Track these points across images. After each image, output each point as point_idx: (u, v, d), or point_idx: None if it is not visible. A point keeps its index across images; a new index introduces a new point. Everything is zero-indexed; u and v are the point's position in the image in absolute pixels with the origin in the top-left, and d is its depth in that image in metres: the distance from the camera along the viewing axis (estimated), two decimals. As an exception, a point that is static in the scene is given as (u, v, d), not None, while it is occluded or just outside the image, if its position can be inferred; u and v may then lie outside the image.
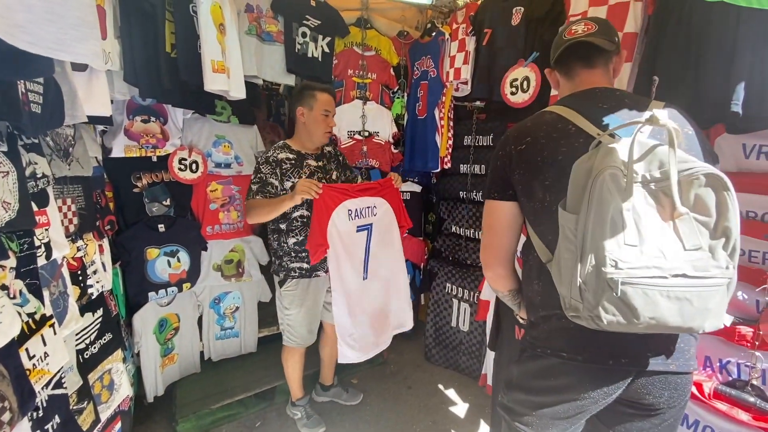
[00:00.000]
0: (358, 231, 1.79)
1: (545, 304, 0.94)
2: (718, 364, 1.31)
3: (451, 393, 2.31)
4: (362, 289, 1.83)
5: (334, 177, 1.91)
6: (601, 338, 0.84)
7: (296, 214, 1.76)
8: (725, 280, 0.71)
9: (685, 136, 0.86)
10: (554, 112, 0.95)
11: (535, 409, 0.97)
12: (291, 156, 1.79)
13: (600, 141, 0.81)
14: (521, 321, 1.13)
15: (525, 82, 1.86)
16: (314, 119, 1.78)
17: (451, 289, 2.49)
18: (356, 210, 1.77)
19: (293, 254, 1.80)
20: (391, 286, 1.95)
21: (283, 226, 1.78)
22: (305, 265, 1.80)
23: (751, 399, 1.21)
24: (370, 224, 1.83)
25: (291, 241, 1.78)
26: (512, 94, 1.92)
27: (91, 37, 0.54)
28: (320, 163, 1.87)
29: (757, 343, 1.21)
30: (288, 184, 1.75)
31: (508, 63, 1.95)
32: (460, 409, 2.18)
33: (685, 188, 0.73)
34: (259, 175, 1.73)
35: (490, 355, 2.20)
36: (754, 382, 1.23)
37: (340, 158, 2.02)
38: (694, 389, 1.33)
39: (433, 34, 2.51)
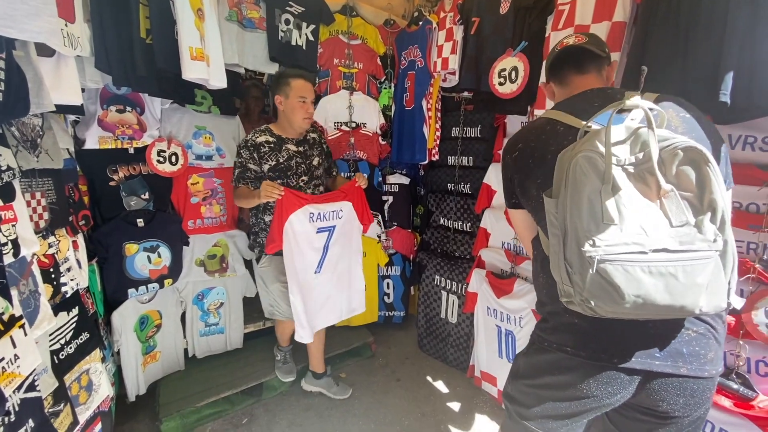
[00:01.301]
0: (318, 232, 1.90)
1: (550, 298, 0.94)
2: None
3: (439, 384, 2.32)
4: (313, 281, 1.93)
5: (315, 163, 1.98)
6: (606, 335, 0.84)
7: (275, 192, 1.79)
8: (713, 253, 0.70)
9: (681, 119, 0.85)
10: (544, 117, 0.98)
11: (538, 402, 0.97)
12: (271, 139, 1.86)
13: (586, 131, 0.81)
14: None
15: (513, 72, 1.83)
16: (291, 107, 1.83)
17: (440, 281, 2.48)
18: (319, 214, 1.87)
19: (267, 231, 1.87)
20: (343, 277, 2.07)
21: (261, 204, 1.88)
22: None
23: (735, 386, 1.23)
24: (333, 226, 1.95)
25: (267, 218, 1.88)
26: (500, 84, 1.90)
27: (44, 13, 0.48)
28: (300, 149, 1.93)
29: (741, 332, 1.22)
30: (266, 167, 1.84)
31: (496, 53, 1.92)
32: (449, 400, 2.19)
33: (668, 164, 0.73)
34: (240, 160, 1.83)
35: (477, 346, 2.20)
36: (739, 370, 1.25)
37: (324, 146, 2.09)
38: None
39: (420, 22, 2.47)
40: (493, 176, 2.19)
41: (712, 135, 0.86)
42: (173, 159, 2.02)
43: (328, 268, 1.97)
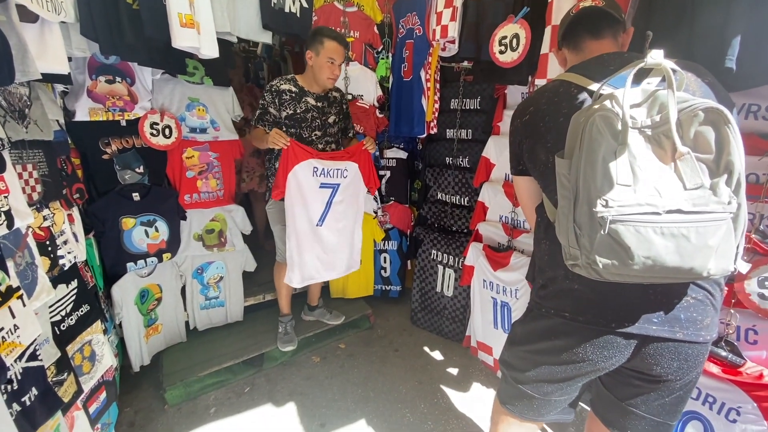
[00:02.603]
0: (321, 187, 1.97)
1: (552, 264, 0.95)
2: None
3: (436, 354, 2.37)
4: (313, 233, 2.03)
5: (330, 121, 2.06)
6: (606, 301, 0.85)
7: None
8: (727, 215, 0.69)
9: (698, 84, 0.84)
10: (558, 79, 0.94)
11: (534, 367, 0.99)
12: (294, 89, 1.94)
13: (601, 94, 0.78)
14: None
15: (514, 40, 1.77)
16: (319, 65, 1.90)
17: (437, 256, 2.50)
18: (323, 169, 1.95)
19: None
20: (344, 236, 2.15)
21: (275, 150, 1.97)
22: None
23: (723, 353, 1.26)
24: (337, 184, 2.02)
25: (277, 164, 1.94)
26: (501, 53, 1.84)
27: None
28: (319, 104, 2.00)
29: (733, 300, 1.24)
30: (284, 114, 1.93)
31: (497, 19, 1.86)
32: (446, 369, 2.24)
33: (686, 126, 0.71)
34: (261, 102, 1.94)
35: (473, 318, 2.24)
36: (729, 338, 1.28)
37: (344, 107, 2.16)
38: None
39: (419, -12, 2.37)
40: (492, 149, 2.17)
41: (725, 102, 0.84)
42: (167, 132, 1.98)
43: (330, 224, 2.06)
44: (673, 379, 0.89)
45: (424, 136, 2.56)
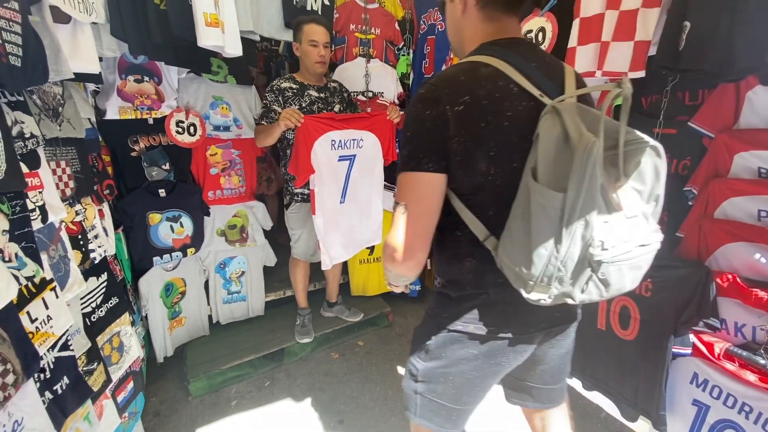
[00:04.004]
0: (339, 160, 1.96)
1: (478, 283, 0.87)
2: (733, 328, 1.29)
3: (455, 355, 2.34)
4: (338, 210, 2.03)
5: (336, 110, 2.07)
6: (530, 313, 0.86)
7: None
8: (659, 243, 0.74)
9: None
10: (490, 65, 0.78)
11: (454, 380, 0.94)
12: (294, 86, 1.96)
13: (554, 106, 0.71)
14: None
15: (540, 34, 1.72)
16: (304, 51, 1.92)
17: (457, 254, 2.46)
18: (340, 141, 1.93)
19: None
20: (363, 209, 2.14)
21: (285, 140, 1.98)
22: (307, 191, 1.99)
23: (762, 361, 1.19)
24: (354, 155, 2.00)
25: (289, 152, 1.93)
26: (526, 47, 1.79)
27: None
28: (322, 95, 2.02)
29: (774, 306, 1.17)
30: None
31: (522, 13, 1.80)
32: (465, 370, 2.21)
33: (629, 157, 0.71)
34: (264, 102, 1.94)
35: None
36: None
37: (345, 94, 2.15)
38: (704, 349, 1.32)
39: (441, -17, 2.33)
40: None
41: None
42: (191, 130, 2.03)
43: (351, 198, 2.05)
44: (552, 353, 0.99)
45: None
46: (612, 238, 0.67)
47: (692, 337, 1.37)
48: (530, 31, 1.76)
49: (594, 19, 1.50)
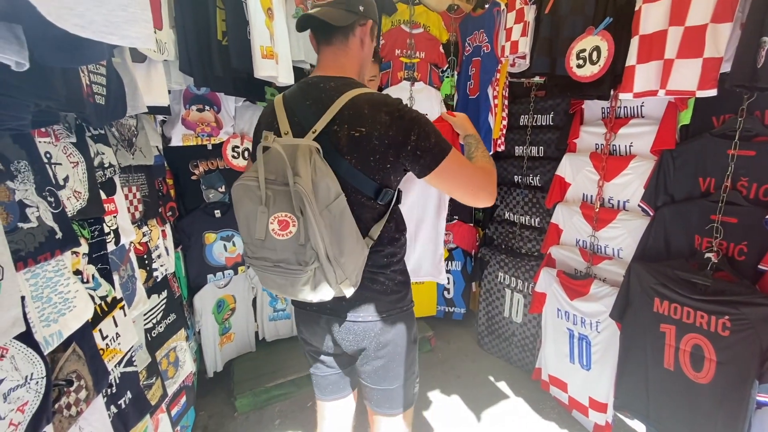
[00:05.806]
0: None
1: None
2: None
3: (502, 385, 2.23)
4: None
5: None
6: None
7: None
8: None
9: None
10: (277, 102, 0.98)
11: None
12: None
13: (265, 146, 0.81)
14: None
15: (594, 53, 1.66)
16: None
17: (504, 279, 2.37)
18: None
19: None
20: (428, 233, 1.83)
21: None
22: None
23: None
24: None
25: None
26: (579, 66, 1.73)
27: (141, 19, 0.52)
28: None
29: None
30: None
31: (575, 32, 1.75)
32: (513, 403, 2.10)
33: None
34: None
35: (545, 349, 2.08)
36: None
37: None
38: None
39: (487, 5, 2.33)
40: (568, 168, 2.03)
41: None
42: (246, 154, 2.14)
43: (414, 217, 1.75)
44: (356, 350, 1.08)
45: (491, 153, 2.48)
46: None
47: (782, 385, 1.21)
48: (583, 51, 1.70)
49: (655, 36, 1.43)
